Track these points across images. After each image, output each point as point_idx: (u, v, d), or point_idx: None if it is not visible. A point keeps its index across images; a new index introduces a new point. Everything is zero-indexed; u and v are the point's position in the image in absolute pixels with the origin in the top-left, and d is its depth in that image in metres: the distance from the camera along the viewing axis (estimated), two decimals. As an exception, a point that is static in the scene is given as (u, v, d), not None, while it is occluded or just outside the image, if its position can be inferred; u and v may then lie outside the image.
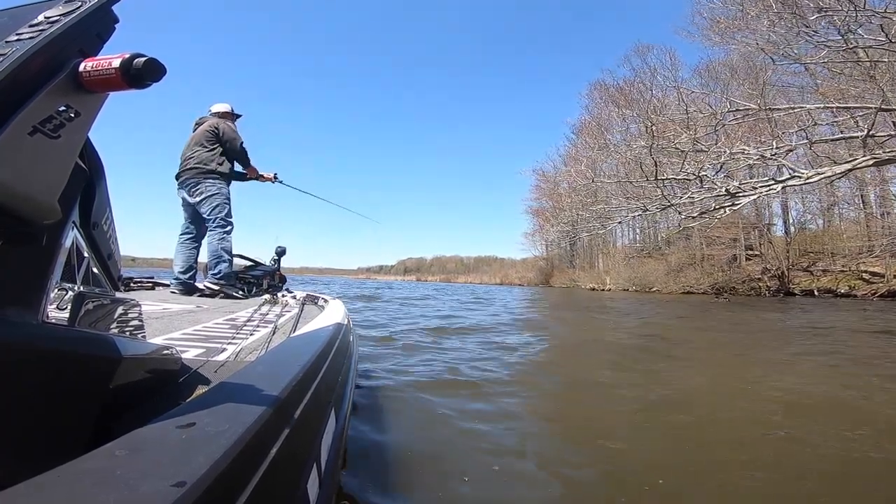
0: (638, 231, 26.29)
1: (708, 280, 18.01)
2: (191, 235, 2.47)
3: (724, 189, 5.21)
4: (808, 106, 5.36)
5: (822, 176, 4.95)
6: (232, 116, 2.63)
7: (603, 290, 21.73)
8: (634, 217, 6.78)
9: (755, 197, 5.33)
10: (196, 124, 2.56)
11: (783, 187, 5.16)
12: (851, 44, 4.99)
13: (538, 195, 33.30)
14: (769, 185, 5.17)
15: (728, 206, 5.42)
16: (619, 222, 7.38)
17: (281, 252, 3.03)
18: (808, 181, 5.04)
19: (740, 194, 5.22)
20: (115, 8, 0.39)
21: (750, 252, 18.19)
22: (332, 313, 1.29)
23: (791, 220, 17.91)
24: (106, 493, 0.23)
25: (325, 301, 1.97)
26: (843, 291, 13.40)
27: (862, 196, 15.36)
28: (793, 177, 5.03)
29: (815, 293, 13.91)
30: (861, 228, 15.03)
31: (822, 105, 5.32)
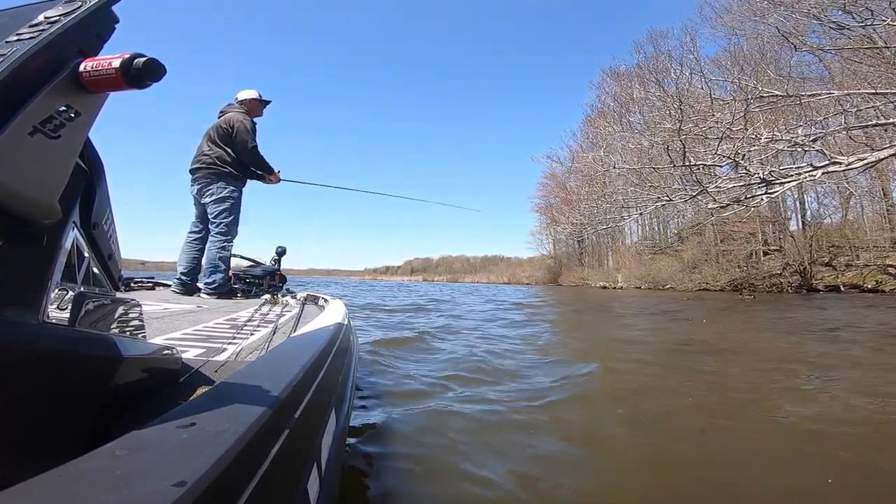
0: (647, 227, 25.94)
1: (725, 276, 17.73)
2: (198, 235, 2.47)
3: (758, 176, 4.92)
4: (835, 93, 5.15)
5: (864, 162, 4.70)
6: (260, 104, 2.58)
7: (615, 288, 21.52)
8: (655, 208, 6.46)
9: (794, 184, 5.04)
10: (221, 113, 2.52)
11: (823, 173, 4.90)
12: (869, 32, 4.84)
13: (545, 192, 33.16)
14: (808, 172, 4.91)
15: (762, 193, 5.14)
16: (641, 214, 6.96)
17: (281, 252, 3.06)
18: (849, 167, 4.78)
19: (777, 181, 4.95)
20: (115, 8, 0.39)
21: (767, 247, 17.84)
22: (333, 313, 1.30)
23: (808, 214, 17.48)
24: (106, 493, 0.24)
25: (326, 301, 1.99)
26: (869, 287, 13.09)
27: (883, 188, 14.97)
28: (832, 162, 4.79)
29: (841, 289, 13.61)
30: (883, 221, 14.66)
31: (856, 92, 5.08)
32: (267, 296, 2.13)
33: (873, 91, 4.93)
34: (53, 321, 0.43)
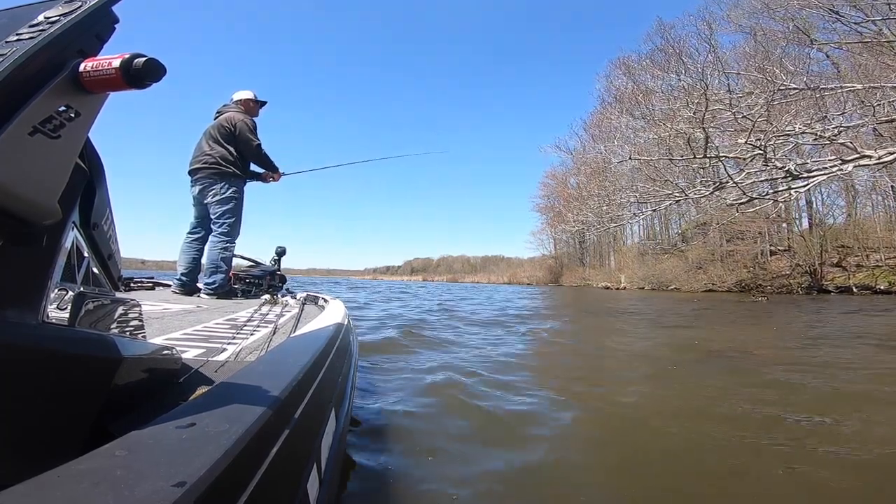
0: (647, 228, 25.78)
1: (732, 277, 17.67)
2: (198, 236, 2.47)
3: (787, 169, 4.69)
4: (857, 86, 4.97)
5: (896, 155, 4.53)
6: (255, 105, 2.59)
7: (618, 288, 21.47)
8: (668, 205, 6.14)
9: (822, 178, 4.84)
10: (217, 113, 2.52)
11: (854, 167, 4.71)
12: (880, 27, 4.75)
13: (547, 192, 33.15)
14: (837, 165, 4.70)
15: (786, 189, 4.94)
16: (655, 210, 6.65)
17: (281, 252, 3.07)
18: (880, 161, 4.60)
19: (804, 175, 4.75)
20: (115, 8, 0.40)
21: (775, 247, 17.75)
22: (333, 313, 1.30)
23: (815, 213, 17.29)
24: (106, 493, 0.24)
25: (326, 301, 2.00)
26: (882, 288, 13.01)
27: (892, 187, 14.85)
28: (862, 156, 4.62)
29: (854, 290, 13.51)
30: (894, 221, 14.57)
31: (886, 85, 4.87)
32: (267, 296, 2.13)
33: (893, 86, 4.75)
34: (53, 321, 0.44)
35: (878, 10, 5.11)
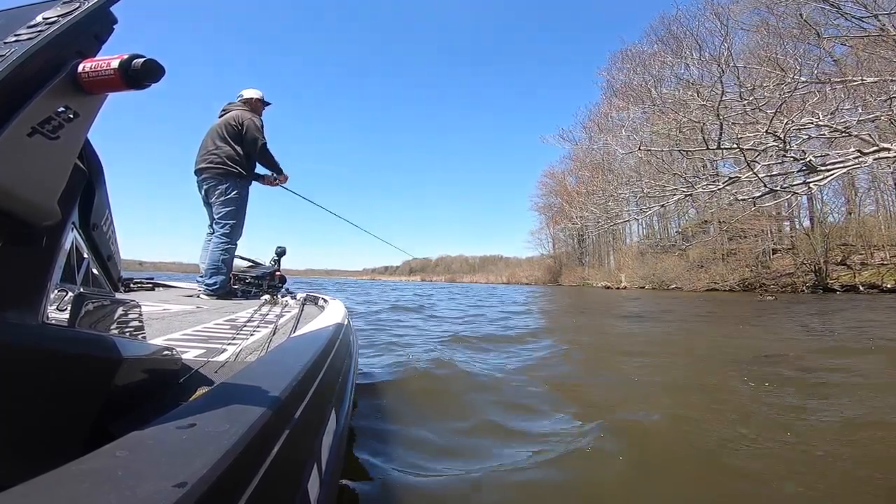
0: (646, 227, 25.67)
1: (735, 276, 17.62)
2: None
3: (802, 161, 4.51)
4: (866, 79, 4.86)
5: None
6: (261, 104, 2.59)
7: (618, 288, 21.43)
8: (678, 199, 5.90)
9: (842, 171, 4.67)
10: (223, 111, 2.51)
11: (874, 159, 4.54)
12: (884, 22, 4.71)
13: (546, 191, 33.16)
14: (857, 158, 4.52)
15: (800, 182, 4.77)
16: (662, 206, 6.37)
17: (281, 252, 3.08)
18: None
19: (822, 168, 4.55)
20: (113, 9, 0.40)
21: (779, 245, 17.70)
22: (333, 313, 1.31)
23: (817, 211, 17.18)
24: (106, 493, 0.24)
25: (326, 301, 2.00)
26: (889, 286, 12.95)
27: (895, 182, 14.84)
28: (881, 149, 4.47)
29: (860, 288, 13.45)
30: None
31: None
32: (266, 296, 2.14)
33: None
34: (53, 322, 0.44)
35: (881, 5, 5.07)
